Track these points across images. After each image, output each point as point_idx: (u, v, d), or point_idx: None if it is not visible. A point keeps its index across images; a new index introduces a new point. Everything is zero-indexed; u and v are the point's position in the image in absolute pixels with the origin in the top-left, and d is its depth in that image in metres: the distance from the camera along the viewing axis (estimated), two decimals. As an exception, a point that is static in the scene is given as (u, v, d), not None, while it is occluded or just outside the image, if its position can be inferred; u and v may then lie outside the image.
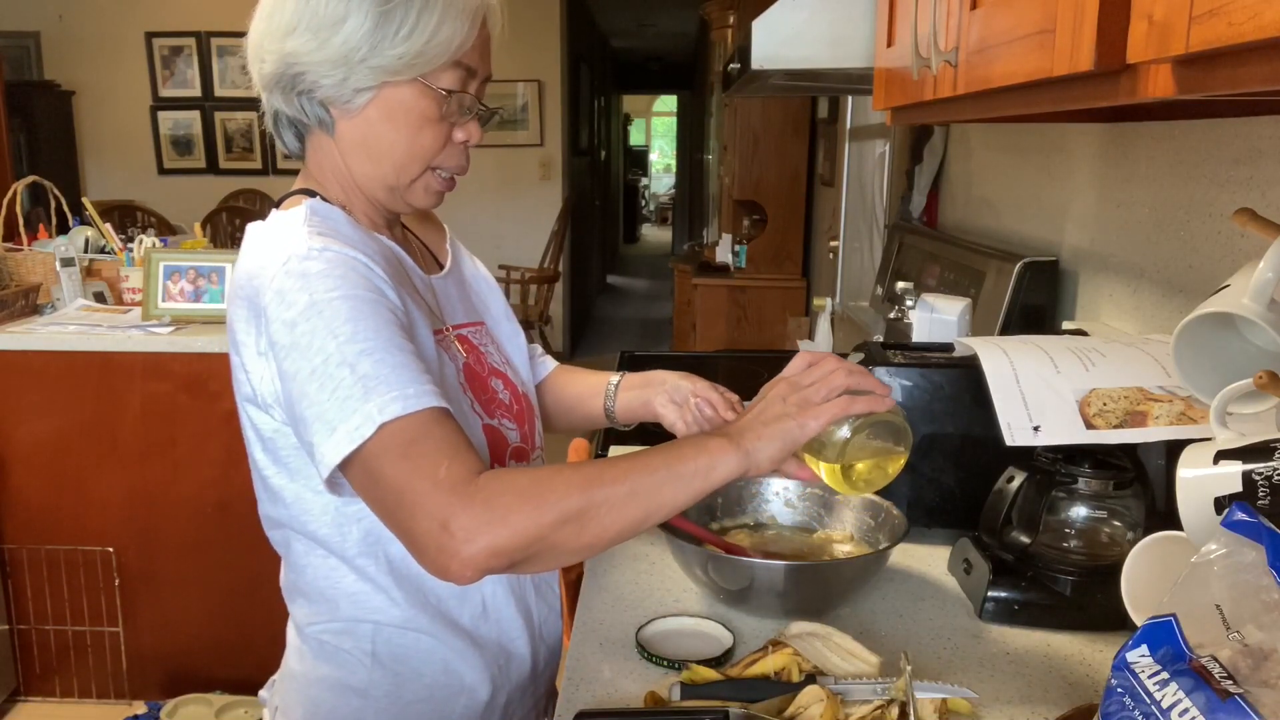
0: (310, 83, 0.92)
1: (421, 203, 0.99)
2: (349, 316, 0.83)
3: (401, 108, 0.92)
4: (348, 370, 0.80)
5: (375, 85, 0.91)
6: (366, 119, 0.93)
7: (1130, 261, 1.47)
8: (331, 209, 0.96)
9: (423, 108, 0.93)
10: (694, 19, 7.33)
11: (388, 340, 0.83)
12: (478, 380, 1.03)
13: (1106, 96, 0.78)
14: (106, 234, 2.90)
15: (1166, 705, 0.61)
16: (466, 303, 1.11)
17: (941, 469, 1.26)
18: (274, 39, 0.92)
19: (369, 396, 0.79)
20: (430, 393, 0.81)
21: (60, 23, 6.11)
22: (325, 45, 0.89)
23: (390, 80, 0.91)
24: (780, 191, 4.63)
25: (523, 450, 1.06)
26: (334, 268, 0.86)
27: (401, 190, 0.97)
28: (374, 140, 0.94)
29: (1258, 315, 0.84)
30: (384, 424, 0.79)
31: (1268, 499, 0.73)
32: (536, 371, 1.28)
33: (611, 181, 11.64)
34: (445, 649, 1.00)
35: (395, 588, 0.98)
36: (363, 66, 0.90)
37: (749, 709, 0.82)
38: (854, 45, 1.57)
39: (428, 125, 0.94)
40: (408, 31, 0.89)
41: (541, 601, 1.10)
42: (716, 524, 1.24)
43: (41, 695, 2.65)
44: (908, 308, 1.62)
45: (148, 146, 6.29)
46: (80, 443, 2.51)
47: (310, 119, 0.95)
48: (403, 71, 0.90)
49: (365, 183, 0.97)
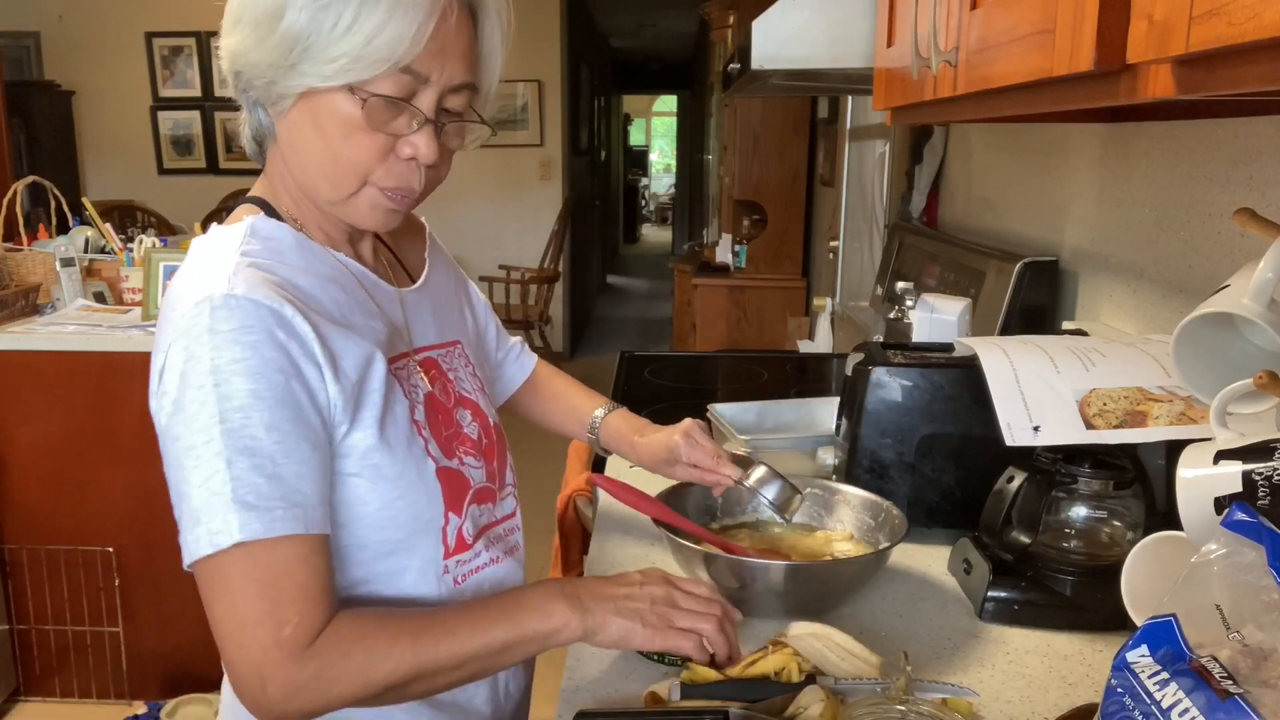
0: (246, 81, 0.84)
1: (366, 222, 0.87)
2: (244, 403, 0.75)
3: (325, 112, 0.81)
4: (224, 465, 0.74)
5: (303, 89, 0.81)
6: (294, 123, 0.83)
7: (1130, 261, 1.47)
8: (278, 227, 0.87)
9: (346, 113, 0.81)
10: (694, 19, 7.33)
11: (277, 443, 0.76)
12: (441, 413, 0.94)
13: (1106, 96, 0.78)
14: (106, 234, 2.90)
15: (1166, 705, 0.61)
16: (441, 318, 1.03)
17: (941, 469, 1.26)
18: (224, 33, 0.84)
19: (235, 506, 0.74)
20: (306, 517, 0.77)
21: (60, 23, 6.11)
22: (262, 42, 0.80)
23: (319, 85, 0.80)
24: (780, 191, 4.63)
25: (488, 491, 0.99)
26: (246, 329, 0.77)
27: (340, 206, 0.86)
28: (301, 147, 0.84)
29: (1258, 315, 0.84)
30: (242, 542, 0.74)
31: (1268, 499, 0.73)
32: (515, 372, 1.26)
33: (611, 181, 11.64)
34: (398, 710, 0.91)
35: None
36: (295, 69, 0.80)
37: (749, 709, 0.82)
38: (854, 45, 1.57)
39: (356, 134, 0.81)
40: (344, 28, 0.77)
41: None
42: (716, 524, 1.24)
43: (41, 695, 2.65)
44: (908, 308, 1.62)
45: (148, 146, 6.29)
46: (80, 443, 2.51)
47: (260, 123, 0.87)
48: (336, 76, 0.79)
49: (308, 194, 0.88)
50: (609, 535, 1.32)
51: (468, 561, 0.94)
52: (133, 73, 6.16)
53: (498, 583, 0.98)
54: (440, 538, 0.91)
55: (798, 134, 4.57)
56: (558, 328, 6.75)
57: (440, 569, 0.91)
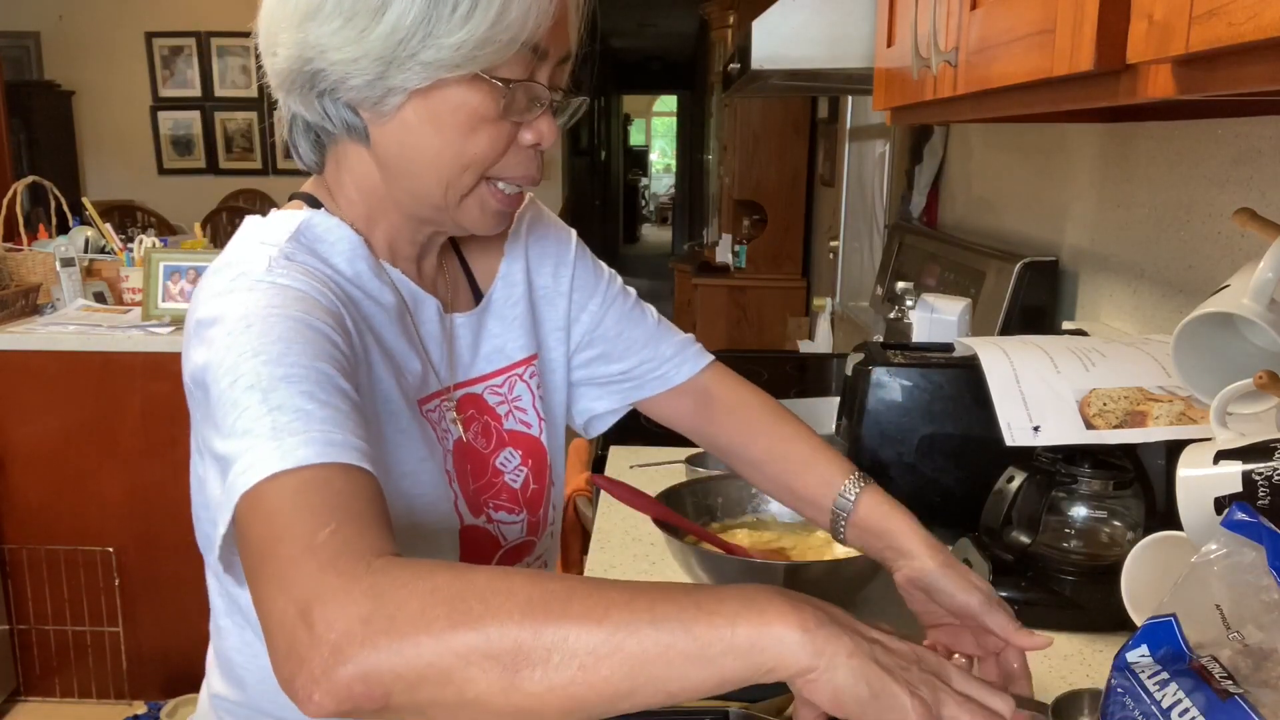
0: (334, 80, 0.72)
1: (478, 226, 0.79)
2: (281, 335, 0.64)
3: (448, 107, 0.72)
4: (258, 396, 0.61)
5: (422, 85, 0.71)
6: (403, 123, 0.73)
7: (1130, 261, 1.47)
8: (337, 225, 0.78)
9: (476, 105, 0.72)
10: (694, 19, 7.33)
11: (320, 373, 0.64)
12: (474, 460, 0.85)
13: (1106, 96, 0.78)
14: (106, 234, 2.90)
15: (1166, 705, 0.61)
16: (510, 334, 0.90)
17: (941, 469, 1.26)
18: (289, 25, 0.72)
19: (275, 435, 0.59)
20: (355, 448, 0.60)
21: (60, 23, 6.11)
22: (363, 37, 0.70)
23: (443, 77, 0.71)
24: (780, 191, 4.64)
25: (525, 546, 0.89)
26: (283, 301, 0.68)
27: (451, 210, 0.77)
28: (411, 149, 0.74)
29: (1258, 315, 0.84)
30: (282, 471, 0.58)
31: (1268, 499, 0.73)
32: (674, 373, 0.99)
33: (611, 181, 11.64)
34: None
35: None
36: (412, 62, 0.70)
37: (749, 709, 0.82)
38: (854, 45, 1.57)
39: (483, 127, 0.73)
40: (465, 12, 0.68)
41: None
42: (717, 524, 1.24)
43: (41, 695, 2.65)
44: (908, 308, 1.62)
45: (148, 146, 6.29)
46: (80, 443, 2.51)
47: (336, 125, 0.76)
48: (464, 64, 0.70)
49: (406, 201, 0.78)
50: (609, 535, 1.32)
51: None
52: (133, 73, 6.16)
53: None
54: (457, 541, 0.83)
55: (798, 134, 4.58)
56: (558, 328, 6.74)
57: None
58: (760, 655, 0.52)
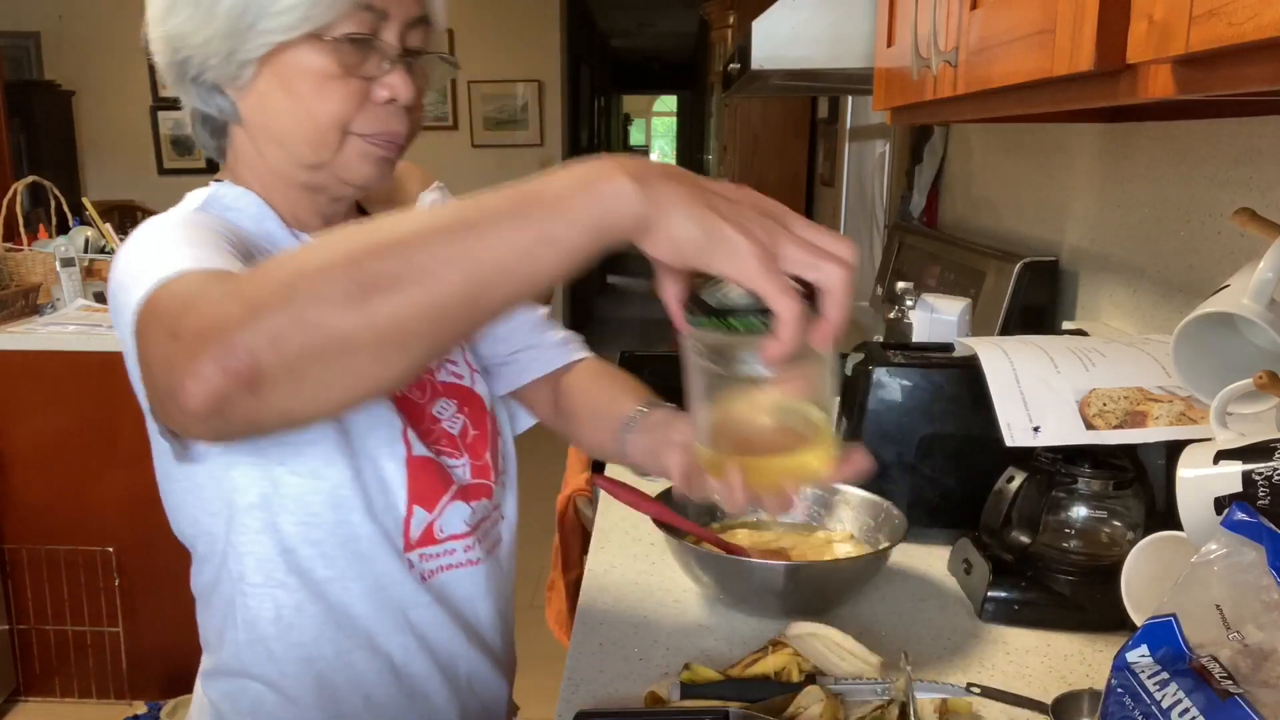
0: (198, 66, 0.79)
1: (360, 176, 0.83)
2: (184, 235, 0.71)
3: (295, 71, 0.77)
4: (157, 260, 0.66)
5: (265, 53, 0.77)
6: (260, 93, 0.79)
7: (1130, 261, 1.47)
8: (244, 193, 0.84)
9: (319, 65, 0.77)
10: (694, 19, 7.33)
11: (214, 245, 0.70)
12: (409, 409, 0.90)
13: (1106, 96, 0.78)
14: (106, 234, 2.90)
15: (1166, 705, 0.61)
16: None
17: (941, 469, 1.26)
18: (157, 22, 0.80)
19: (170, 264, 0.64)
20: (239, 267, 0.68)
21: (60, 23, 6.11)
22: (210, 18, 0.76)
23: (281, 40, 0.76)
24: (780, 191, 4.63)
25: (479, 489, 0.93)
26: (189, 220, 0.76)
27: (331, 167, 0.82)
28: (273, 115, 0.80)
29: (1258, 315, 0.84)
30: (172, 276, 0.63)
31: (1268, 499, 0.73)
32: (553, 358, 1.06)
33: (611, 181, 11.63)
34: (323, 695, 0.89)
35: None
36: (252, 32, 0.75)
37: (749, 709, 0.82)
38: (854, 45, 1.57)
39: (331, 85, 0.78)
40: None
41: (475, 653, 0.96)
42: (717, 524, 1.24)
43: (41, 695, 2.65)
44: (908, 308, 1.62)
45: (148, 146, 6.29)
46: (80, 443, 2.50)
47: (213, 109, 0.82)
48: (298, 25, 0.75)
49: (286, 170, 0.83)
50: (609, 535, 1.32)
51: (435, 556, 0.90)
52: (133, 73, 6.15)
53: (461, 586, 0.93)
54: (402, 529, 0.87)
55: (798, 134, 4.58)
56: (558, 328, 6.74)
57: (405, 563, 0.88)
58: (597, 212, 0.54)
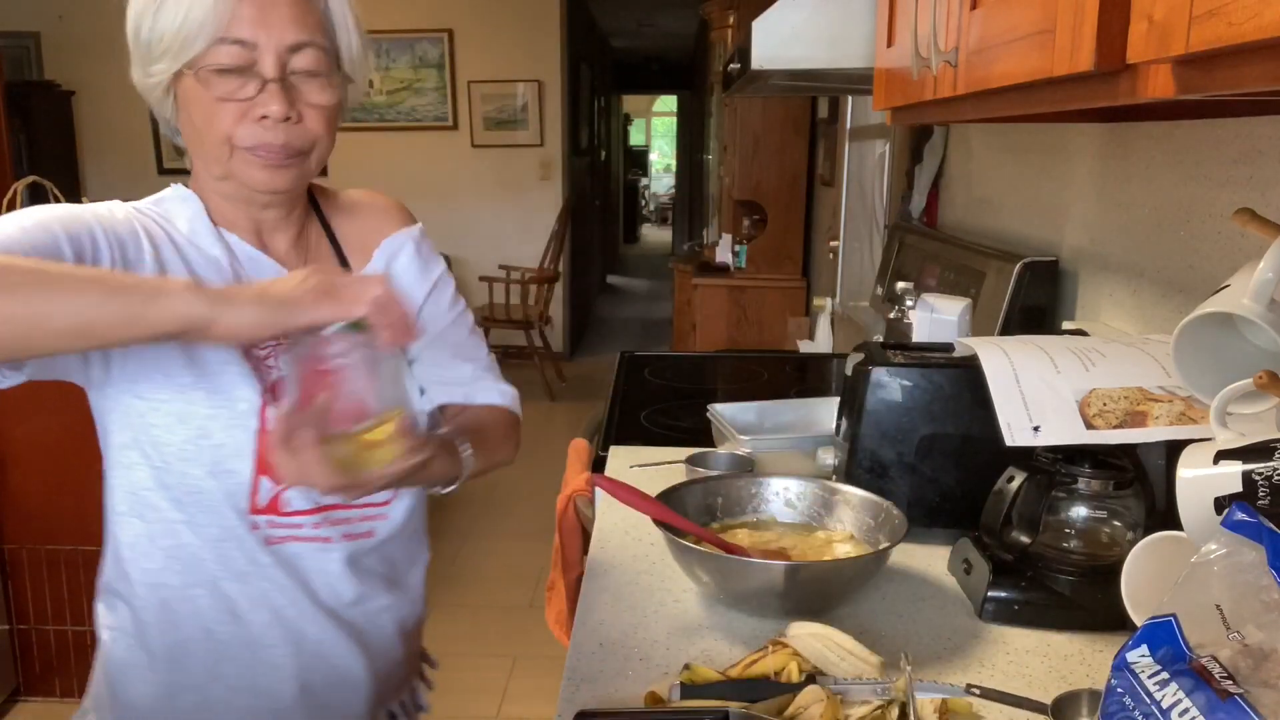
0: (141, 86, 0.94)
1: (255, 181, 0.93)
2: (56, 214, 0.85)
3: (186, 98, 0.91)
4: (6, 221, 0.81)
5: (168, 80, 0.91)
6: (177, 110, 0.94)
7: (1130, 261, 1.47)
8: (186, 196, 0.97)
9: (199, 92, 0.90)
10: (694, 19, 7.33)
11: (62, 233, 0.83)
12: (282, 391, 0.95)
13: (1106, 96, 0.78)
14: (106, 234, 2.90)
15: (1166, 705, 0.61)
16: None
17: (941, 469, 1.26)
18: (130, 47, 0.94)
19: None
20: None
21: (60, 23, 6.11)
22: (134, 56, 0.92)
23: (173, 71, 0.90)
24: (780, 191, 4.63)
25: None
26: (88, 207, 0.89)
27: (231, 178, 0.94)
28: (186, 133, 0.95)
29: (1258, 315, 0.84)
30: None
31: (1268, 499, 0.73)
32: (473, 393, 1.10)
33: (611, 181, 11.63)
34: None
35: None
36: (151, 61, 0.91)
37: (749, 709, 0.82)
38: (854, 45, 1.57)
39: (210, 109, 0.90)
40: (160, 20, 0.88)
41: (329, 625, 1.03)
42: (717, 524, 1.24)
43: (41, 695, 2.65)
44: (908, 308, 1.62)
45: (148, 146, 6.28)
46: (80, 443, 2.49)
47: (165, 125, 0.97)
48: (173, 62, 0.89)
49: (205, 175, 0.97)
50: (609, 535, 1.32)
51: (281, 526, 0.99)
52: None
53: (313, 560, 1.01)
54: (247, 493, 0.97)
55: (798, 134, 4.57)
56: (558, 328, 6.75)
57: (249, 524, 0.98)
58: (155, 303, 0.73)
